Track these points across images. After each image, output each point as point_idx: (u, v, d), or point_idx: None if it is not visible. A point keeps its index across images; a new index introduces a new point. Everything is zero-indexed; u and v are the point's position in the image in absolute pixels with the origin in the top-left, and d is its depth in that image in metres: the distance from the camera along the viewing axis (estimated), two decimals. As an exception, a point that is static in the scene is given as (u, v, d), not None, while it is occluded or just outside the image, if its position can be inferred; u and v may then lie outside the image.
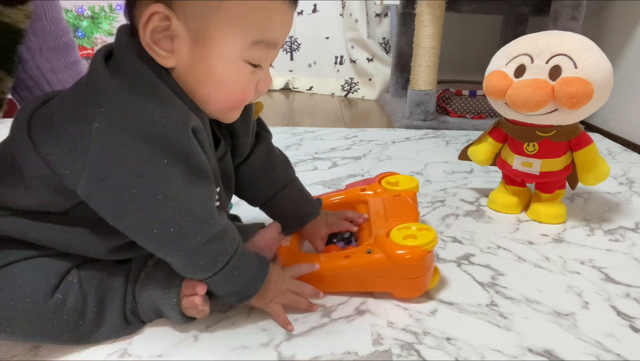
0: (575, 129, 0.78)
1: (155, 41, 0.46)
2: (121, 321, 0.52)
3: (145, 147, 0.44)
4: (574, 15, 1.34)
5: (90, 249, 0.50)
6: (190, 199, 0.46)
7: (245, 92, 0.51)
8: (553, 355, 0.51)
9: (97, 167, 0.44)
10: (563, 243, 0.77)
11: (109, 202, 0.45)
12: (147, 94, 0.45)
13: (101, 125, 0.43)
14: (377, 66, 2.01)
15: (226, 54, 0.47)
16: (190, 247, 0.47)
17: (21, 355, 0.49)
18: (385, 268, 0.57)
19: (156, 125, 0.44)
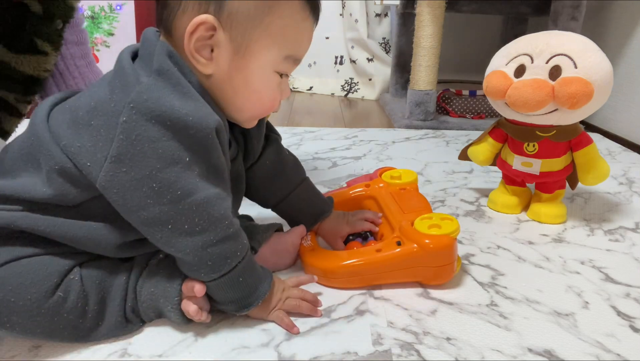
0: (575, 129, 0.78)
1: (197, 49, 0.49)
2: (121, 320, 0.52)
3: (170, 143, 0.45)
4: (574, 15, 1.34)
5: (98, 245, 0.50)
6: (207, 197, 0.47)
7: (274, 101, 0.55)
8: (553, 355, 0.51)
9: (120, 159, 0.45)
10: (563, 243, 0.77)
11: (128, 194, 0.46)
12: (175, 92, 0.46)
13: (128, 119, 0.45)
14: (377, 66, 2.01)
15: (263, 66, 0.51)
16: (201, 245, 0.48)
17: (21, 355, 0.49)
18: (417, 257, 0.59)
19: (182, 122, 0.45)
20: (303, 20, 0.53)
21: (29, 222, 0.48)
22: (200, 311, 0.51)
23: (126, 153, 0.45)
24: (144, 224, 0.47)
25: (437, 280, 0.62)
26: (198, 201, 0.47)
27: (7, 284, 0.46)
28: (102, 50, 1.70)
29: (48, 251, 0.49)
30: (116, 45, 1.71)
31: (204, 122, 0.47)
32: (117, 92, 0.47)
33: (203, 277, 0.50)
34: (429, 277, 0.61)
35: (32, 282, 0.47)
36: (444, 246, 0.59)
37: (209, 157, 0.48)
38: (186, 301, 0.51)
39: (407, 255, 0.59)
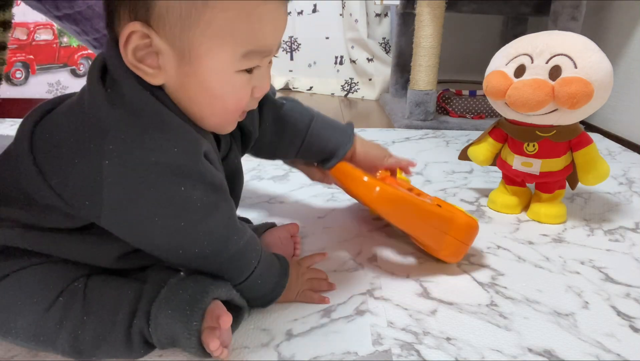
0: (575, 129, 0.78)
1: (139, 59, 0.43)
2: (123, 340, 0.46)
3: (161, 179, 0.43)
4: (574, 15, 1.34)
5: (97, 257, 0.50)
6: (212, 220, 0.46)
7: (240, 102, 0.49)
8: (553, 355, 0.51)
9: (115, 202, 0.43)
10: (563, 243, 0.77)
11: (132, 230, 0.46)
12: (153, 126, 0.43)
13: (111, 162, 0.42)
14: (377, 66, 2.01)
15: (216, 68, 0.45)
16: (215, 264, 0.49)
17: (21, 355, 0.49)
18: (446, 223, 0.63)
19: (168, 157, 0.43)
20: (258, 6, 0.44)
21: (26, 241, 0.48)
22: (221, 348, 0.46)
23: (120, 196, 0.43)
24: (155, 252, 0.48)
25: (449, 255, 0.65)
26: (203, 227, 0.46)
27: (16, 290, 0.46)
28: (102, 50, 1.69)
29: (54, 259, 0.49)
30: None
31: (190, 152, 0.44)
32: (93, 130, 0.43)
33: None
34: (448, 249, 0.64)
35: (38, 288, 0.46)
36: (474, 226, 0.65)
37: (203, 179, 0.45)
38: (208, 333, 0.46)
39: (444, 217, 0.63)
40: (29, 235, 0.48)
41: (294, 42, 2.04)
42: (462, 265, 0.69)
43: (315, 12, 1.99)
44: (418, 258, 0.70)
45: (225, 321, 0.45)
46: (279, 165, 1.07)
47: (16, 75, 1.70)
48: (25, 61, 1.68)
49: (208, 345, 0.45)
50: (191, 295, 0.47)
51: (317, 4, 1.98)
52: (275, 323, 0.55)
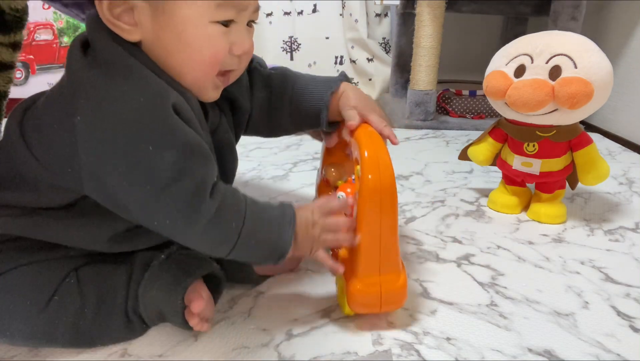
0: (575, 129, 0.78)
1: (116, 16, 0.44)
2: (124, 322, 0.51)
3: (129, 136, 0.42)
4: (574, 15, 1.34)
5: (91, 240, 0.50)
6: (182, 187, 0.43)
7: (216, 55, 0.47)
8: (553, 355, 0.51)
9: (90, 163, 0.43)
10: (563, 243, 0.77)
11: (109, 195, 0.45)
12: (122, 76, 0.43)
13: (83, 118, 0.42)
14: (377, 66, 2.01)
15: (191, 17, 0.45)
16: (192, 235, 0.45)
17: (21, 355, 0.49)
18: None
19: (134, 108, 0.42)
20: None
21: (19, 228, 0.48)
22: (201, 323, 0.50)
23: (93, 156, 0.43)
24: (136, 220, 0.46)
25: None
26: (174, 192, 0.43)
27: (6, 293, 0.46)
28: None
29: (44, 257, 0.49)
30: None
31: (156, 102, 0.43)
32: (69, 89, 0.44)
33: (220, 254, 0.47)
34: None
35: (31, 289, 0.47)
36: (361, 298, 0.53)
37: (173, 139, 0.43)
38: (189, 311, 0.50)
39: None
40: (20, 221, 0.48)
41: (294, 42, 2.04)
42: (462, 265, 0.69)
43: (315, 12, 1.99)
44: (418, 258, 0.70)
45: (195, 306, 0.49)
46: (279, 165, 1.07)
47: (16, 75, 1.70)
48: (25, 61, 1.68)
49: (189, 322, 0.50)
50: (174, 276, 0.51)
51: (317, 4, 1.97)
52: (275, 323, 0.55)
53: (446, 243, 0.75)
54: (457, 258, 0.71)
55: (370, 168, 0.50)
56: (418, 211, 0.87)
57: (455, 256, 0.71)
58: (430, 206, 0.89)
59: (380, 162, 0.51)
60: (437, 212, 0.87)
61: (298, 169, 1.05)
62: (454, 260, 0.70)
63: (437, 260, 0.70)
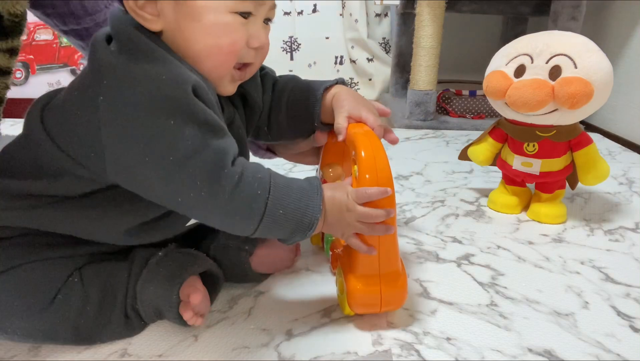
0: (575, 129, 0.78)
1: (140, 6, 0.46)
2: (123, 320, 0.51)
3: (149, 112, 0.43)
4: (574, 15, 1.34)
5: (104, 232, 0.51)
6: (204, 159, 0.44)
7: (234, 44, 0.49)
8: (553, 355, 0.51)
9: (113, 142, 0.44)
10: (563, 243, 0.77)
11: (134, 175, 0.45)
12: (144, 58, 0.45)
13: (105, 97, 0.44)
14: (377, 66, 2.01)
15: (210, 6, 0.47)
16: (218, 208, 0.45)
17: (21, 355, 0.49)
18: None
19: (155, 85, 0.43)
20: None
21: (34, 219, 0.48)
22: (195, 317, 0.51)
23: (116, 135, 0.44)
24: (159, 201, 0.46)
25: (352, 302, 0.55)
26: (195, 165, 0.43)
27: (10, 290, 0.46)
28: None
29: (49, 255, 0.49)
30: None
31: (177, 80, 0.44)
32: (92, 75, 0.46)
33: (246, 232, 0.47)
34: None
35: (35, 287, 0.47)
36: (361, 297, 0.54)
37: (194, 115, 0.44)
38: (183, 306, 0.51)
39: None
40: (37, 213, 0.48)
41: (294, 42, 2.04)
42: (462, 265, 0.69)
43: (315, 12, 1.99)
44: (418, 258, 0.70)
45: (194, 298, 0.50)
46: (279, 165, 1.07)
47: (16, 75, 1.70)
48: (25, 61, 1.69)
49: (183, 316, 0.51)
50: (170, 272, 0.52)
51: (317, 4, 1.97)
52: (275, 323, 0.55)
53: (446, 243, 0.75)
54: (457, 258, 0.71)
55: (368, 168, 0.50)
56: (418, 211, 0.87)
57: (455, 256, 0.71)
58: (430, 206, 0.89)
59: (378, 162, 0.50)
60: (437, 212, 0.87)
61: (298, 170, 1.05)
62: (454, 260, 0.70)
63: (437, 260, 0.70)
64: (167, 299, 0.51)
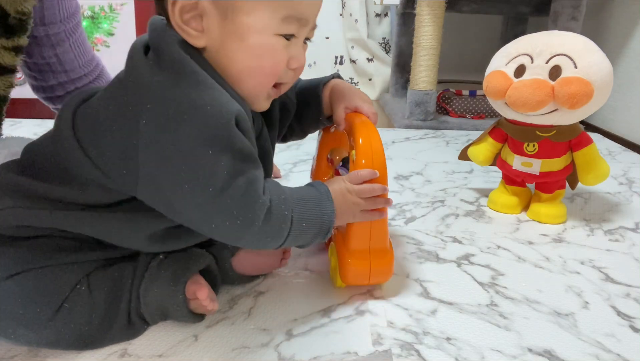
0: (575, 129, 0.78)
1: (185, 21, 0.46)
2: (126, 324, 0.51)
3: (191, 140, 0.43)
4: (574, 15, 1.34)
5: (128, 237, 0.50)
6: (240, 188, 0.45)
7: (276, 66, 0.50)
8: (553, 355, 0.51)
9: (150, 164, 0.44)
10: (563, 243, 0.77)
11: (167, 199, 0.45)
12: (189, 85, 0.45)
13: (147, 122, 0.44)
14: (377, 66, 2.01)
15: (257, 27, 0.47)
16: (252, 234, 0.47)
17: (21, 355, 0.49)
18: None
19: (201, 116, 0.44)
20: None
21: (59, 220, 0.48)
22: (213, 303, 0.52)
23: (153, 159, 0.44)
24: (190, 225, 0.47)
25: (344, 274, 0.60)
26: (232, 195, 0.45)
27: (16, 297, 0.45)
28: (102, 50, 1.70)
29: (58, 261, 0.48)
30: (116, 45, 1.71)
31: (221, 111, 0.44)
32: (131, 92, 0.45)
33: (272, 247, 0.50)
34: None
35: (42, 296, 0.46)
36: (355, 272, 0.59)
37: (232, 145, 0.45)
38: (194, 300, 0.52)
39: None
40: (59, 215, 0.48)
41: (294, 42, 2.04)
42: (462, 265, 0.69)
43: (315, 12, 1.99)
44: (418, 258, 0.70)
45: (200, 293, 0.51)
46: (280, 165, 1.07)
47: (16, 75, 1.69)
48: (25, 61, 1.68)
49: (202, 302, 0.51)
50: (173, 272, 0.52)
51: (317, 4, 1.97)
52: (275, 323, 0.55)
53: (446, 243, 0.75)
54: (457, 258, 0.71)
55: (364, 153, 0.55)
56: (418, 211, 0.87)
57: (455, 256, 0.71)
58: (430, 206, 0.89)
59: (373, 148, 0.56)
60: (437, 212, 0.87)
61: (298, 169, 1.05)
62: (454, 260, 0.70)
63: (437, 260, 0.70)
64: (174, 299, 0.51)
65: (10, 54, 0.70)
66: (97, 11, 1.90)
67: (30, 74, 0.84)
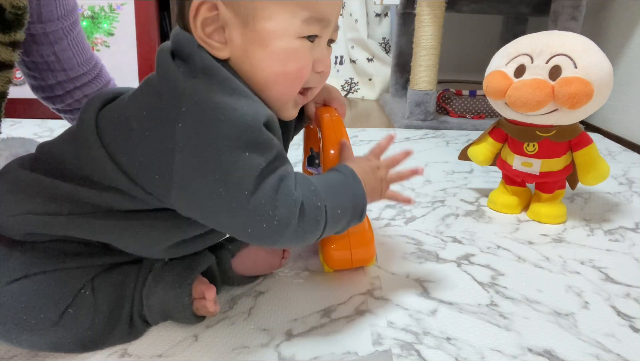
0: (575, 129, 0.78)
1: (208, 34, 0.46)
2: (127, 327, 0.51)
3: (227, 142, 0.43)
4: (574, 15, 1.34)
5: (148, 246, 0.50)
6: (273, 188, 0.45)
7: (302, 70, 0.49)
8: (553, 355, 0.51)
9: (185, 169, 0.44)
10: (563, 243, 0.77)
11: (201, 204, 0.45)
12: (223, 90, 0.45)
13: (184, 125, 0.43)
14: (377, 66, 2.01)
15: (279, 31, 0.47)
16: (291, 233, 0.46)
17: (21, 355, 0.49)
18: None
19: (236, 119, 0.44)
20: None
21: (73, 226, 0.47)
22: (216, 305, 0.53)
23: (189, 162, 0.44)
24: (226, 230, 0.47)
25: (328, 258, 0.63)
26: (266, 195, 0.44)
27: (20, 302, 0.45)
28: (102, 50, 1.70)
29: (64, 266, 0.48)
30: (116, 45, 1.71)
31: (255, 115, 0.45)
32: (166, 98, 0.45)
33: (312, 241, 0.49)
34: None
35: (47, 301, 0.46)
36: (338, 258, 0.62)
37: (266, 148, 0.45)
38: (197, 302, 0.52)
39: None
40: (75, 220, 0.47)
41: (294, 42, 2.03)
42: (462, 265, 0.69)
43: (315, 12, 1.98)
44: (418, 258, 0.70)
45: (209, 293, 0.52)
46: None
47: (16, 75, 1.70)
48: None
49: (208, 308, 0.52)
50: (177, 274, 0.53)
51: (317, 4, 1.97)
52: (275, 323, 0.55)
53: (446, 243, 0.75)
54: (457, 258, 0.71)
55: (332, 144, 0.58)
56: (418, 211, 0.87)
57: (455, 256, 0.71)
58: (430, 206, 0.89)
59: (340, 139, 0.58)
60: (437, 212, 0.87)
61: (298, 169, 1.05)
62: (454, 260, 0.70)
63: (437, 260, 0.70)
64: (179, 301, 0.52)
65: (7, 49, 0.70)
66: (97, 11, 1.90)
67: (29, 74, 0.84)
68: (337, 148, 0.57)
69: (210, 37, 0.46)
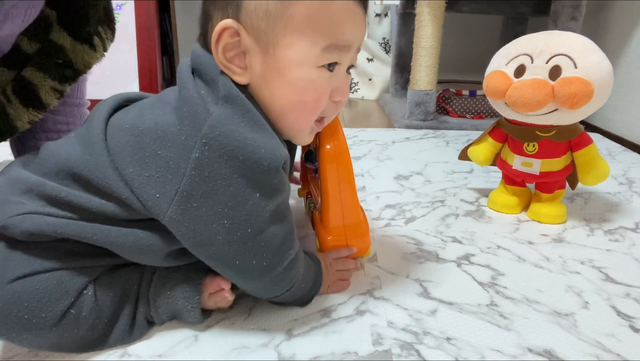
0: (575, 129, 0.78)
1: (229, 59, 0.47)
2: (129, 328, 0.51)
3: (242, 181, 0.45)
4: (574, 15, 1.34)
5: (146, 253, 0.49)
6: (276, 233, 0.48)
7: (319, 100, 0.50)
8: (553, 355, 0.51)
9: (191, 195, 0.44)
10: (563, 243, 0.77)
11: (197, 229, 0.45)
12: (245, 121, 0.45)
13: (201, 156, 0.44)
14: (377, 66, 2.01)
15: (298, 60, 0.47)
16: (269, 277, 0.49)
17: (21, 355, 0.49)
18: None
19: (255, 156, 0.44)
20: (338, 2, 0.47)
21: (76, 229, 0.47)
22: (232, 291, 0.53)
23: (198, 189, 0.44)
24: (210, 258, 0.48)
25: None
26: (268, 238, 0.47)
27: (22, 300, 0.45)
28: (102, 50, 1.70)
29: (67, 265, 0.48)
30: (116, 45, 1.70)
31: (274, 156, 0.45)
32: (187, 123, 0.45)
33: (268, 297, 0.54)
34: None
35: (48, 300, 0.46)
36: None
37: (276, 193, 0.47)
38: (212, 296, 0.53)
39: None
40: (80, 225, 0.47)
41: (294, 42, 2.03)
42: (462, 265, 0.69)
43: (315, 12, 1.98)
44: (418, 258, 0.70)
45: (226, 283, 0.52)
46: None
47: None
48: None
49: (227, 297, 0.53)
50: (184, 273, 0.53)
51: (317, 4, 1.97)
52: (275, 323, 0.55)
53: (446, 243, 0.75)
54: (457, 258, 0.71)
55: (328, 140, 0.59)
56: (418, 211, 0.87)
57: (455, 256, 0.71)
58: (430, 206, 0.89)
59: (335, 134, 0.60)
60: (437, 212, 0.87)
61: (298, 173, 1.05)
62: (454, 260, 0.70)
63: (437, 260, 0.70)
64: (190, 301, 0.52)
65: (55, 95, 0.72)
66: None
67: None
68: (333, 144, 0.59)
69: (231, 62, 0.47)
